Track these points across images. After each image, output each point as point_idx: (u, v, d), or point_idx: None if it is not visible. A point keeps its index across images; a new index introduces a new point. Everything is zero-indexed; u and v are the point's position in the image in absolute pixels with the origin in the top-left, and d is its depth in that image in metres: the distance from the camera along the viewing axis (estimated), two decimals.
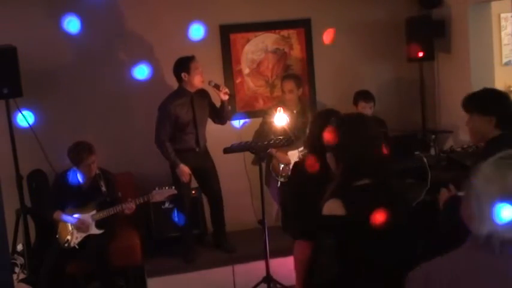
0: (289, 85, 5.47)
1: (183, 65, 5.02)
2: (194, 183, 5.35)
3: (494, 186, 1.63)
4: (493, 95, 3.04)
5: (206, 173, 5.22)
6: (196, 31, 5.55)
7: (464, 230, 1.74)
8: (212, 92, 5.22)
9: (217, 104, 5.25)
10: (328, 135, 2.49)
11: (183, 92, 5.08)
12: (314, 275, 2.40)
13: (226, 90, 5.09)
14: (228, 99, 5.14)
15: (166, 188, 4.85)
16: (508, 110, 2.93)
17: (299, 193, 3.30)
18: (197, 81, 5.05)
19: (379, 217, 2.23)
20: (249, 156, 5.16)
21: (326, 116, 3.17)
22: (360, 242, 2.27)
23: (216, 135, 5.29)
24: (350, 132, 2.44)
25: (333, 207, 2.32)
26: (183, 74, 5.02)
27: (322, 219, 2.35)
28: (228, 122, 5.39)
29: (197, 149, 5.12)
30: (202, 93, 5.16)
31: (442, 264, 1.70)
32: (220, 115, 5.23)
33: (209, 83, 5.10)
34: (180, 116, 5.04)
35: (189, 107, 5.06)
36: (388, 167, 2.49)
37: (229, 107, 5.26)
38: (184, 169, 5.04)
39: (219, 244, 5.36)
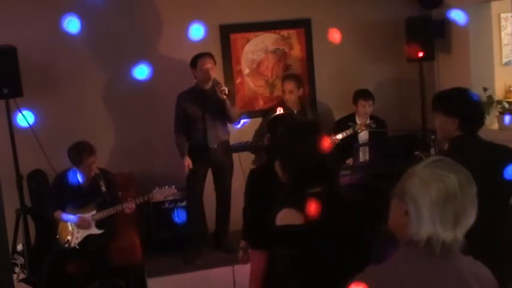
0: (290, 85, 5.47)
1: (193, 61, 5.12)
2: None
3: (433, 188, 1.63)
4: (458, 96, 2.92)
5: (219, 172, 5.22)
6: (196, 31, 5.54)
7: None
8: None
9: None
10: (272, 143, 2.44)
11: (195, 87, 5.15)
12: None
13: (223, 88, 5.01)
14: (227, 98, 5.07)
15: (166, 187, 4.85)
16: (471, 113, 2.84)
17: (254, 202, 3.22)
18: (201, 77, 5.06)
19: (312, 209, 2.20)
20: (245, 156, 5.16)
21: (275, 123, 3.15)
22: (317, 250, 2.18)
23: None
24: (295, 140, 2.34)
25: (288, 216, 2.21)
26: (192, 70, 5.13)
27: (277, 229, 2.23)
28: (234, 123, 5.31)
29: (211, 146, 5.11)
30: (215, 94, 5.09)
31: (387, 274, 1.65)
32: (224, 114, 5.17)
33: (212, 80, 5.10)
34: (187, 109, 5.09)
35: (199, 103, 5.06)
36: (337, 175, 2.42)
37: (232, 108, 5.18)
38: (185, 162, 5.07)
39: (219, 244, 5.35)
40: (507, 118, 5.42)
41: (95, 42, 5.51)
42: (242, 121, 5.67)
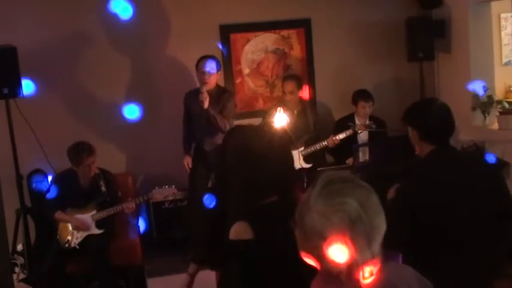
0: (290, 86, 5.47)
1: (196, 62, 5.09)
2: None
3: (335, 220, 1.51)
4: (418, 108, 3.06)
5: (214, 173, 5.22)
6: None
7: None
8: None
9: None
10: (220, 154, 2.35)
11: (198, 88, 5.11)
12: None
13: (202, 99, 4.87)
14: (207, 108, 4.91)
15: (166, 187, 4.85)
16: (427, 124, 2.86)
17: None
18: (198, 80, 5.07)
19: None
20: None
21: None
22: (269, 266, 2.04)
23: None
24: (243, 148, 2.19)
25: (239, 230, 2.07)
26: (195, 72, 5.13)
27: (228, 244, 2.10)
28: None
29: (206, 149, 5.12)
30: (222, 95, 5.08)
31: None
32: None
33: (201, 85, 5.02)
34: (190, 107, 5.14)
35: (197, 104, 5.06)
36: (292, 182, 2.29)
37: (215, 119, 4.96)
38: (184, 161, 5.21)
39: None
40: None
41: (95, 42, 5.51)
42: None
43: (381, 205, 1.58)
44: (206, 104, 4.90)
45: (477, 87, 5.48)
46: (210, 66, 5.02)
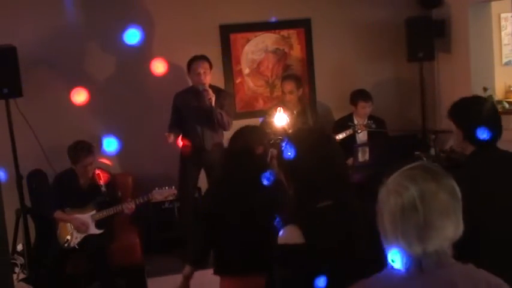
0: (289, 86, 5.47)
1: (187, 64, 5.11)
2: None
3: (391, 200, 1.53)
4: (462, 106, 2.78)
5: (216, 172, 5.20)
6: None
7: None
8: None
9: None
10: (277, 153, 2.29)
11: (192, 88, 5.15)
12: None
13: (209, 97, 4.94)
14: (214, 105, 4.96)
15: (166, 188, 4.84)
16: (475, 125, 2.64)
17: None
18: (193, 81, 5.07)
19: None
20: None
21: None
22: (320, 272, 1.94)
23: None
24: (303, 148, 2.12)
25: (289, 234, 1.99)
26: (187, 72, 5.14)
27: (277, 249, 2.01)
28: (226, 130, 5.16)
29: (207, 148, 5.11)
30: (219, 94, 5.09)
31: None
32: (210, 119, 5.07)
33: (199, 85, 5.04)
34: (182, 109, 5.11)
35: (194, 104, 5.06)
36: (350, 186, 2.21)
37: (223, 116, 5.05)
38: (170, 136, 5.05)
39: None
40: None
41: (95, 42, 5.51)
42: None
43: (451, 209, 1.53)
44: (214, 101, 4.94)
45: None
46: (204, 67, 5.04)
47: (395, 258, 1.55)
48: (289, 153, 2.13)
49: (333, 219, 2.01)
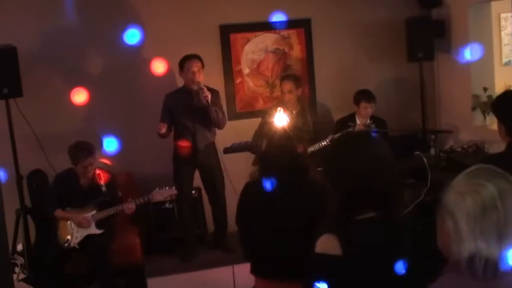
0: (288, 86, 5.46)
1: (180, 63, 5.10)
2: (195, 183, 5.36)
3: (468, 200, 1.50)
4: (505, 99, 2.69)
5: (209, 172, 5.21)
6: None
7: None
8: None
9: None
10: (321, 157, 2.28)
11: (184, 87, 5.14)
12: None
13: (205, 95, 4.93)
14: (210, 103, 4.98)
15: (167, 188, 4.84)
16: None
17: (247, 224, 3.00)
18: (187, 80, 5.06)
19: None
20: (245, 157, 5.16)
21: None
22: (358, 285, 1.90)
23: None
24: (349, 155, 2.02)
25: (326, 244, 1.92)
26: (179, 71, 5.12)
27: (314, 257, 1.95)
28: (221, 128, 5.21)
29: (199, 148, 5.11)
30: (211, 93, 5.07)
31: None
32: (205, 117, 5.07)
33: (197, 83, 5.04)
34: (173, 109, 5.08)
35: (186, 104, 5.06)
36: (399, 197, 2.07)
37: (218, 114, 5.07)
38: (163, 125, 5.03)
39: (219, 244, 5.36)
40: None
41: (95, 43, 5.51)
42: None
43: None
44: (210, 99, 4.94)
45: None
46: (197, 66, 5.04)
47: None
48: (334, 159, 2.04)
49: (373, 232, 1.93)
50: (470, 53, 5.34)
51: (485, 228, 1.47)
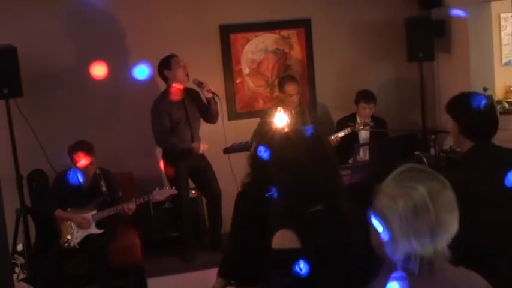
0: (294, 88, 5.47)
1: (165, 63, 5.10)
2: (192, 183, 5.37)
3: (400, 203, 1.53)
4: (460, 101, 2.82)
5: (203, 173, 5.22)
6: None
7: None
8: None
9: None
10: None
11: (168, 91, 5.13)
12: None
13: (209, 87, 5.04)
14: (213, 97, 5.09)
15: (167, 188, 4.85)
16: (471, 120, 2.72)
17: (242, 232, 2.94)
18: (180, 75, 5.06)
19: None
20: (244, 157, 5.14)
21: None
22: (318, 277, 1.93)
23: (213, 136, 5.27)
24: (287, 153, 2.07)
25: (284, 239, 1.96)
26: (165, 71, 5.09)
27: (273, 254, 1.98)
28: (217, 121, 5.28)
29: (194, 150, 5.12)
30: (192, 93, 5.15)
31: None
32: (208, 114, 5.20)
33: (193, 81, 5.10)
34: (172, 113, 5.08)
35: (180, 105, 5.07)
36: (342, 189, 2.12)
37: (216, 106, 5.18)
38: (197, 145, 5.09)
39: (214, 244, 5.35)
40: None
41: (94, 42, 5.51)
42: None
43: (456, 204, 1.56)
44: (213, 89, 5.02)
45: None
46: (183, 61, 5.08)
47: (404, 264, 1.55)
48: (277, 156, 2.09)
49: (325, 223, 1.98)
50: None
51: (418, 229, 1.51)
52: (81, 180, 4.79)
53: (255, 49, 5.93)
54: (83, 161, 4.69)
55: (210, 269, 5.11)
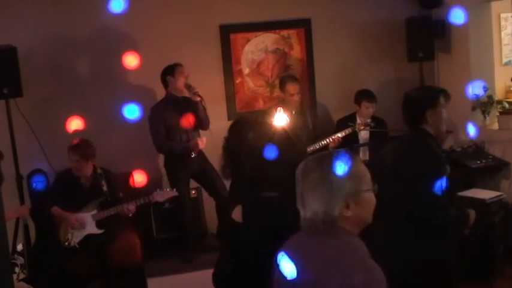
0: (295, 88, 5.48)
1: (169, 70, 5.12)
2: (193, 183, 5.36)
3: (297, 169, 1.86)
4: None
5: (208, 176, 5.20)
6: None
7: None
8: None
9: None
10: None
11: (170, 96, 5.15)
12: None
13: (196, 90, 5.01)
14: (200, 101, 5.05)
15: (167, 189, 4.85)
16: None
17: None
18: (180, 83, 5.08)
19: None
20: None
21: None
22: (253, 251, 2.14)
23: (213, 136, 5.27)
24: (252, 137, 2.29)
25: (236, 213, 2.23)
26: (168, 77, 5.12)
27: (227, 222, 2.28)
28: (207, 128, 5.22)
29: (192, 154, 5.12)
30: (190, 101, 5.12)
31: (284, 246, 1.91)
32: (198, 119, 5.13)
33: (184, 85, 5.09)
34: (167, 119, 5.08)
35: (176, 111, 5.08)
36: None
37: (205, 112, 5.13)
38: (195, 142, 5.07)
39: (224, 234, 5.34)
40: None
41: (94, 42, 5.51)
42: None
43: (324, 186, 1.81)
44: (199, 92, 5.01)
45: (476, 88, 5.46)
46: (186, 71, 5.12)
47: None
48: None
49: (272, 210, 2.16)
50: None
51: (296, 194, 1.87)
52: (82, 179, 4.78)
53: (255, 49, 5.93)
54: (77, 162, 4.70)
55: (211, 269, 5.13)
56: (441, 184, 3.06)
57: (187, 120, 5.06)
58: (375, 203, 1.87)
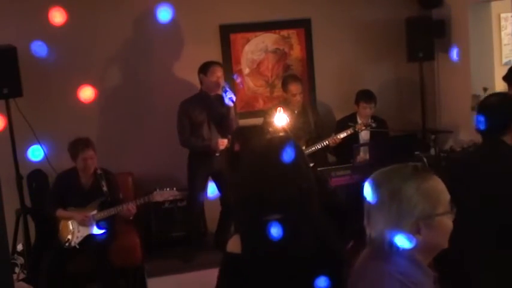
0: (297, 88, 5.48)
1: (204, 67, 5.10)
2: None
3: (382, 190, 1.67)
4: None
5: (223, 180, 5.17)
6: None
7: None
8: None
9: None
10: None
11: (200, 93, 5.15)
12: None
13: (231, 95, 4.98)
14: (232, 108, 5.03)
15: (167, 189, 4.84)
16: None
17: None
18: (211, 82, 5.06)
19: None
20: None
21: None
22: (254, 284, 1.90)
23: None
24: (246, 160, 2.04)
25: (232, 243, 1.94)
26: (201, 75, 5.10)
27: (224, 255, 1.99)
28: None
29: (216, 154, 5.09)
30: (223, 101, 5.07)
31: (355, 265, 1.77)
32: (224, 124, 5.08)
33: (222, 88, 5.08)
34: (192, 116, 5.08)
35: (204, 109, 5.07)
36: (311, 203, 1.99)
37: (235, 118, 5.10)
38: (215, 142, 5.05)
39: (218, 244, 5.34)
40: None
41: (95, 42, 5.51)
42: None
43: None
44: (234, 99, 4.99)
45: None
46: (221, 71, 5.10)
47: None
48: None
49: (275, 235, 1.89)
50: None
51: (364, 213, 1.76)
52: (82, 180, 4.78)
53: (255, 49, 5.93)
54: (93, 158, 4.71)
55: (211, 269, 5.12)
56: None
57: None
58: (451, 229, 1.63)
